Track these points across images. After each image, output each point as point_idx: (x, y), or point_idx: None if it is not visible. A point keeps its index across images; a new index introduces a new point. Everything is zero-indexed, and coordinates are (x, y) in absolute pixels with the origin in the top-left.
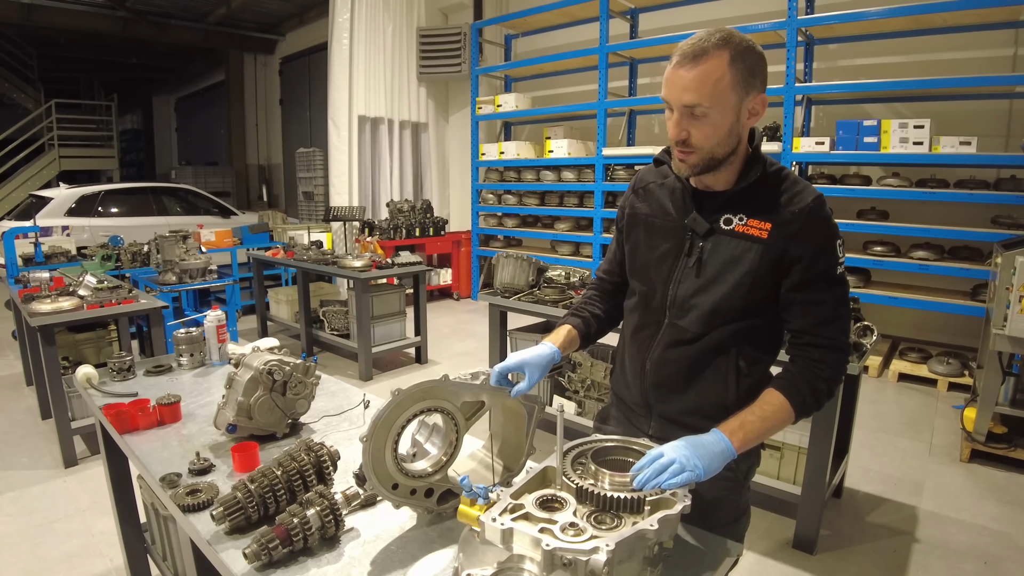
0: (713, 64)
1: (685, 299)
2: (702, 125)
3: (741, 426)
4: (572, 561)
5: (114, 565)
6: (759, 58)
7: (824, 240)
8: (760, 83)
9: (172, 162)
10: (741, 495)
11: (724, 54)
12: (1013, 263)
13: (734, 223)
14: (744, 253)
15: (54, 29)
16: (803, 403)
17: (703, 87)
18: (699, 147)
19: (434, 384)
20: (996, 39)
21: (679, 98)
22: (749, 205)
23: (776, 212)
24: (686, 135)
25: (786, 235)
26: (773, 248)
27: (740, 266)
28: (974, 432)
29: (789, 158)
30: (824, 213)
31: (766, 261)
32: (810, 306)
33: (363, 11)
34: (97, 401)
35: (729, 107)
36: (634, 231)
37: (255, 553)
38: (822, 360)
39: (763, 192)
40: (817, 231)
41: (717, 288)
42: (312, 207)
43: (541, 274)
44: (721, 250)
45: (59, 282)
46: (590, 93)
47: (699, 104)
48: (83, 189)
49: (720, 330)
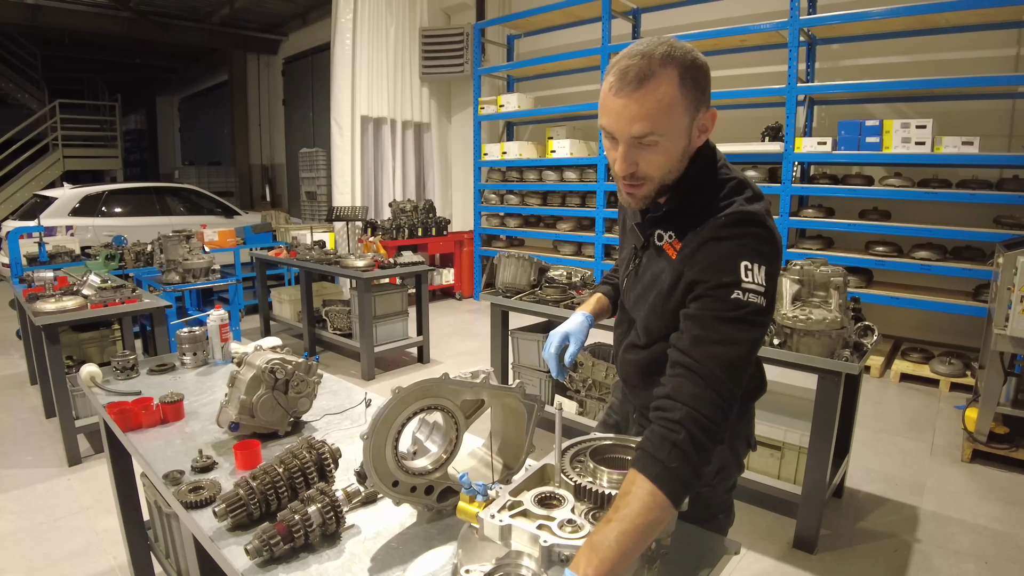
0: (662, 89)
1: (631, 308)
2: (652, 155)
3: (591, 561)
4: (570, 557)
5: (117, 563)
6: (705, 69)
7: (718, 260)
8: (707, 97)
9: (175, 162)
10: (714, 495)
11: (672, 72)
12: (1015, 263)
13: (664, 239)
14: (662, 272)
15: (58, 30)
16: (664, 471)
17: (655, 115)
18: (649, 177)
19: (434, 382)
20: (999, 39)
21: (626, 130)
22: (679, 222)
23: (690, 231)
24: (635, 168)
25: (685, 255)
26: (675, 270)
27: (657, 285)
28: (976, 432)
29: (791, 158)
30: (727, 232)
31: (670, 283)
32: (687, 320)
33: (366, 11)
34: (101, 399)
35: (681, 131)
36: (620, 230)
37: (257, 549)
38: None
39: (696, 209)
40: (710, 250)
41: (644, 303)
42: (315, 207)
43: (543, 274)
44: (651, 266)
45: (63, 281)
46: (592, 93)
47: (651, 133)
48: (87, 189)
49: (661, 344)
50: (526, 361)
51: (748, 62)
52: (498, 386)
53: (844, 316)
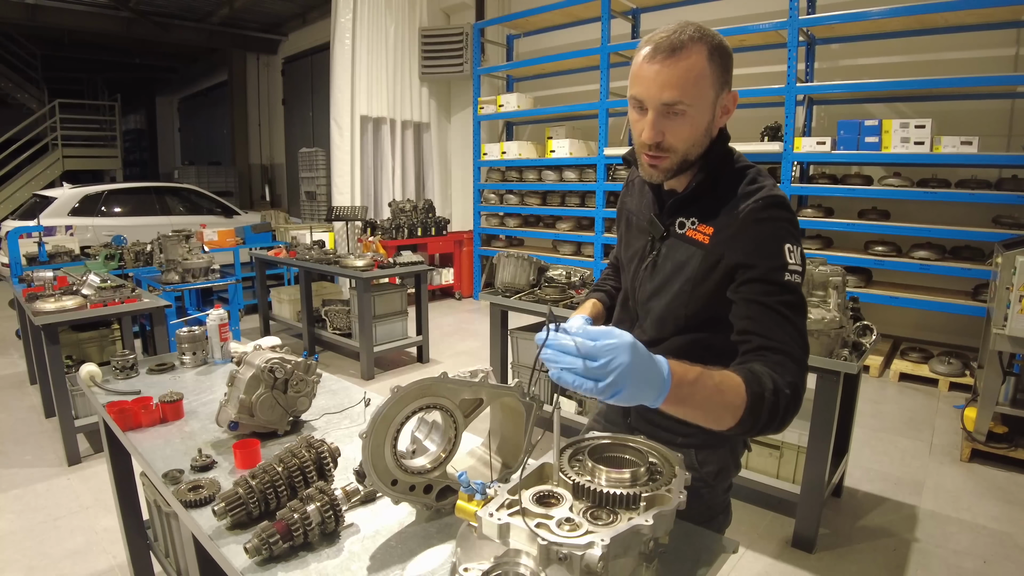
0: (693, 59)
1: (643, 302)
2: (680, 125)
3: (693, 383)
4: (568, 556)
5: (117, 562)
6: (730, 54)
7: (762, 243)
8: (730, 79)
9: (175, 162)
10: (714, 496)
11: (702, 48)
12: (1013, 263)
13: (687, 227)
14: (689, 259)
15: (58, 29)
16: (760, 398)
17: (685, 83)
18: (674, 149)
19: (433, 381)
20: (998, 39)
21: (657, 95)
22: (702, 208)
23: (721, 215)
24: (661, 137)
25: (722, 239)
26: (711, 254)
27: (684, 272)
28: (974, 432)
29: (790, 158)
30: (766, 215)
31: (704, 268)
32: (753, 306)
33: (365, 11)
34: (100, 399)
35: (708, 104)
36: (620, 225)
37: (256, 548)
38: (783, 364)
39: (718, 194)
40: (754, 234)
41: (665, 293)
42: (314, 207)
43: (542, 274)
44: (673, 254)
45: (63, 281)
46: (592, 93)
47: (680, 101)
48: (86, 189)
49: (676, 339)
50: (525, 360)
51: (747, 62)
52: (497, 385)
53: (843, 315)
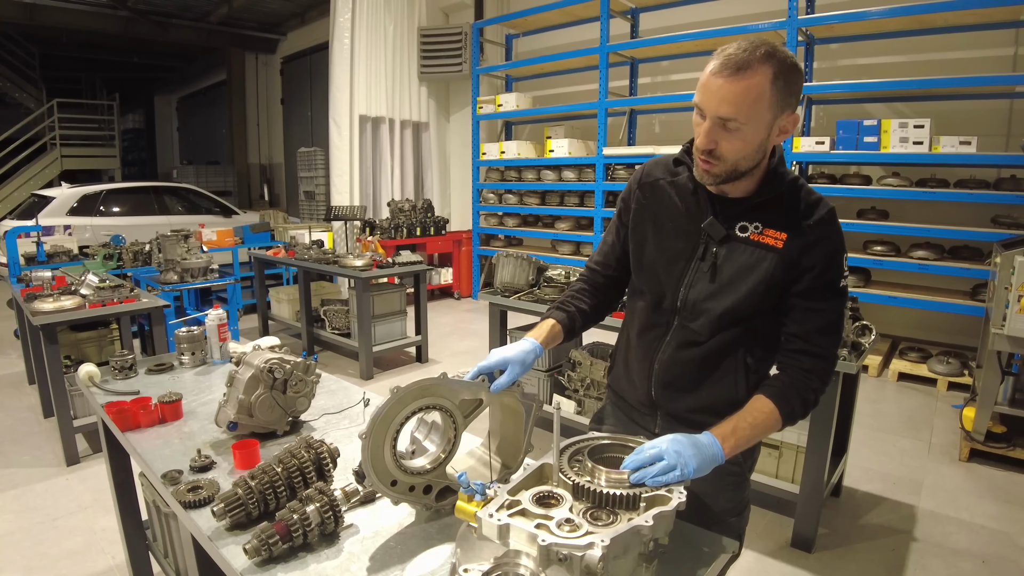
0: (756, 80)
1: (697, 303)
2: (733, 139)
3: (733, 432)
4: (568, 556)
5: (116, 562)
6: (799, 76)
7: (835, 252)
8: (795, 101)
9: (174, 161)
10: (744, 489)
11: (768, 70)
12: (1012, 263)
13: (749, 231)
14: (759, 261)
15: (56, 28)
16: (791, 413)
17: (742, 103)
18: (724, 159)
19: (433, 382)
20: (996, 39)
21: (715, 109)
22: (765, 215)
23: (792, 222)
24: (714, 145)
25: (802, 245)
26: (788, 258)
27: (755, 274)
28: (973, 431)
29: (789, 157)
30: (837, 226)
31: (780, 270)
32: (810, 313)
33: (364, 11)
34: (99, 399)
35: (763, 124)
36: (640, 228)
37: (255, 548)
38: (812, 371)
39: (779, 202)
40: (830, 243)
41: (730, 294)
42: (313, 206)
43: (541, 273)
44: (735, 257)
45: (61, 281)
46: (591, 93)
47: (735, 119)
48: (85, 188)
49: (728, 332)
50: None
51: None
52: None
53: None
